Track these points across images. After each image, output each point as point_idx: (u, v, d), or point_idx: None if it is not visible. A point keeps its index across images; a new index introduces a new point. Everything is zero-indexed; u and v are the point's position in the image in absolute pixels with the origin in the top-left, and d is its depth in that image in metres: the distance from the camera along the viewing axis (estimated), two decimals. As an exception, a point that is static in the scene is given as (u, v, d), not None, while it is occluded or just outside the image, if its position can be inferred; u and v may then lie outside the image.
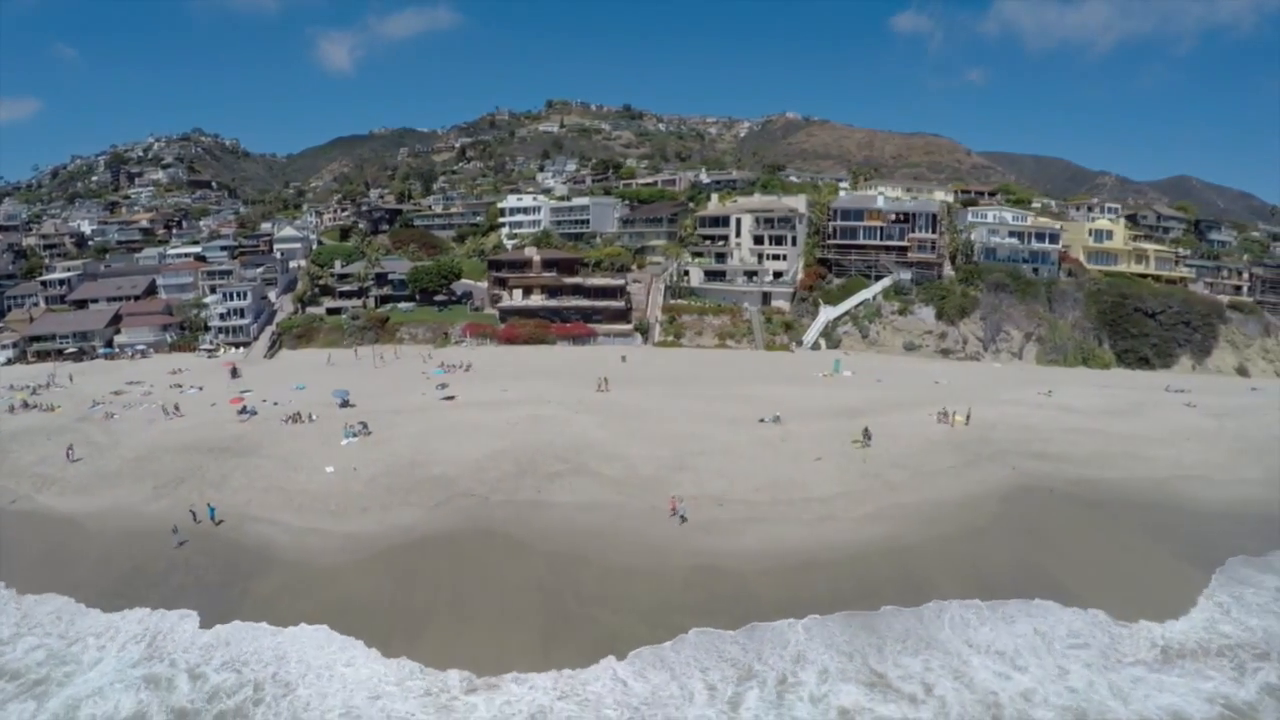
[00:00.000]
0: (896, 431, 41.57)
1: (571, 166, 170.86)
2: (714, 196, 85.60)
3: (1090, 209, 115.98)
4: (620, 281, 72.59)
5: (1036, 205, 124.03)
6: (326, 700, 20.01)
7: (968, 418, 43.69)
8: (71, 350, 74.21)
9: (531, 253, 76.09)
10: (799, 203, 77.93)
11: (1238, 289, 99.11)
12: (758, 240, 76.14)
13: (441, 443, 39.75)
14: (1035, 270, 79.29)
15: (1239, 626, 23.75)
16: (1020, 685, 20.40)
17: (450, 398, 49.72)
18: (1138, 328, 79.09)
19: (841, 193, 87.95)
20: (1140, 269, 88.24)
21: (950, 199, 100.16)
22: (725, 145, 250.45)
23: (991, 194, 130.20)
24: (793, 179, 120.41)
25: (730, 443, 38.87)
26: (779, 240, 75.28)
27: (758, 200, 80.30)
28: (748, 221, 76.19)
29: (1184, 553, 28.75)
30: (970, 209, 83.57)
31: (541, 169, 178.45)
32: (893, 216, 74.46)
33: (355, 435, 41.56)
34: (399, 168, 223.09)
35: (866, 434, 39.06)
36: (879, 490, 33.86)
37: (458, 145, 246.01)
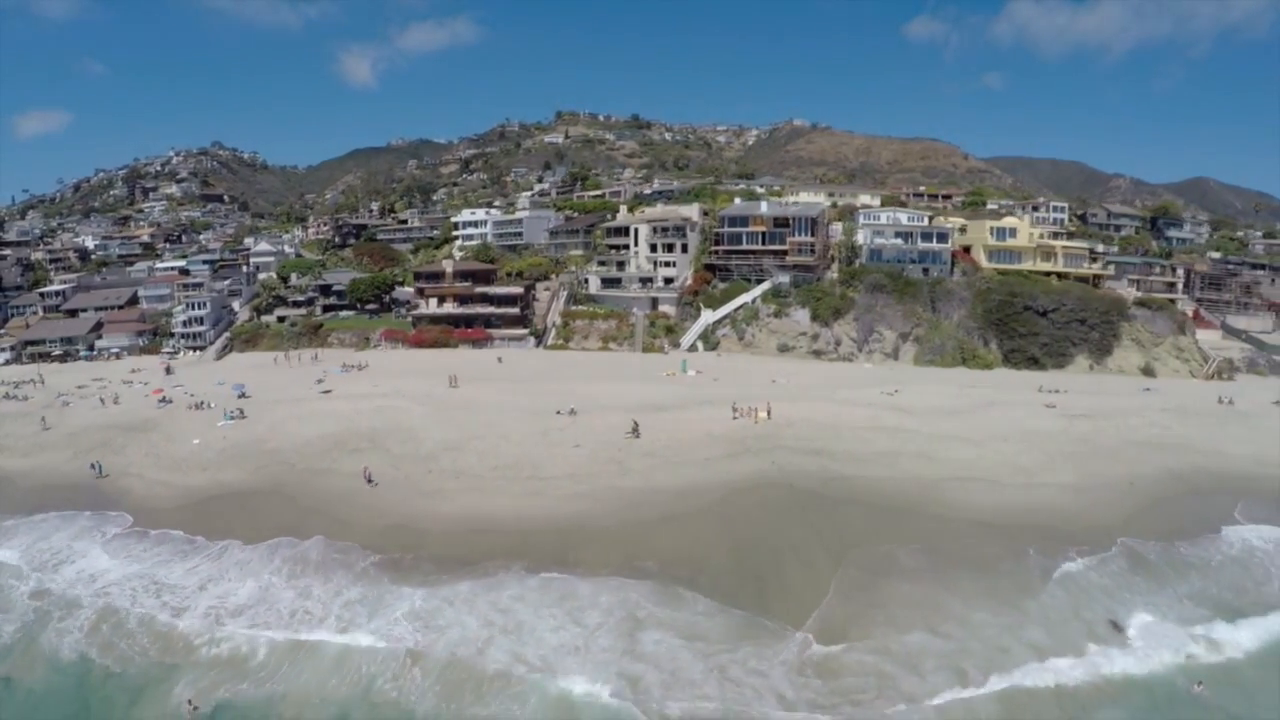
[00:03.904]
0: (682, 425, 47.02)
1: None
2: (622, 208, 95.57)
3: (1037, 208, 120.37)
4: (519, 290, 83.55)
5: (993, 206, 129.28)
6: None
7: (769, 413, 48.28)
8: (58, 353, 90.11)
9: (446, 264, 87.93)
10: (693, 211, 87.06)
11: (1170, 286, 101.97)
12: (653, 248, 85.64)
13: (292, 425, 51.08)
14: (925, 270, 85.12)
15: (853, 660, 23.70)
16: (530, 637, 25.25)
17: (327, 391, 61.29)
18: (1026, 327, 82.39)
19: (737, 200, 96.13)
20: (1048, 266, 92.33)
21: (875, 202, 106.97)
22: (733, 153, 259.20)
23: (946, 197, 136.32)
24: (758, 189, 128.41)
25: (512, 430, 46.36)
26: (671, 248, 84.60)
27: (658, 210, 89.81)
28: (644, 231, 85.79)
29: (873, 561, 29.64)
30: (863, 211, 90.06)
31: (540, 180, 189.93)
32: (775, 222, 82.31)
33: (232, 418, 53.51)
34: (403, 180, 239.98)
35: (635, 427, 45.29)
36: (608, 474, 38.55)
37: (463, 157, 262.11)
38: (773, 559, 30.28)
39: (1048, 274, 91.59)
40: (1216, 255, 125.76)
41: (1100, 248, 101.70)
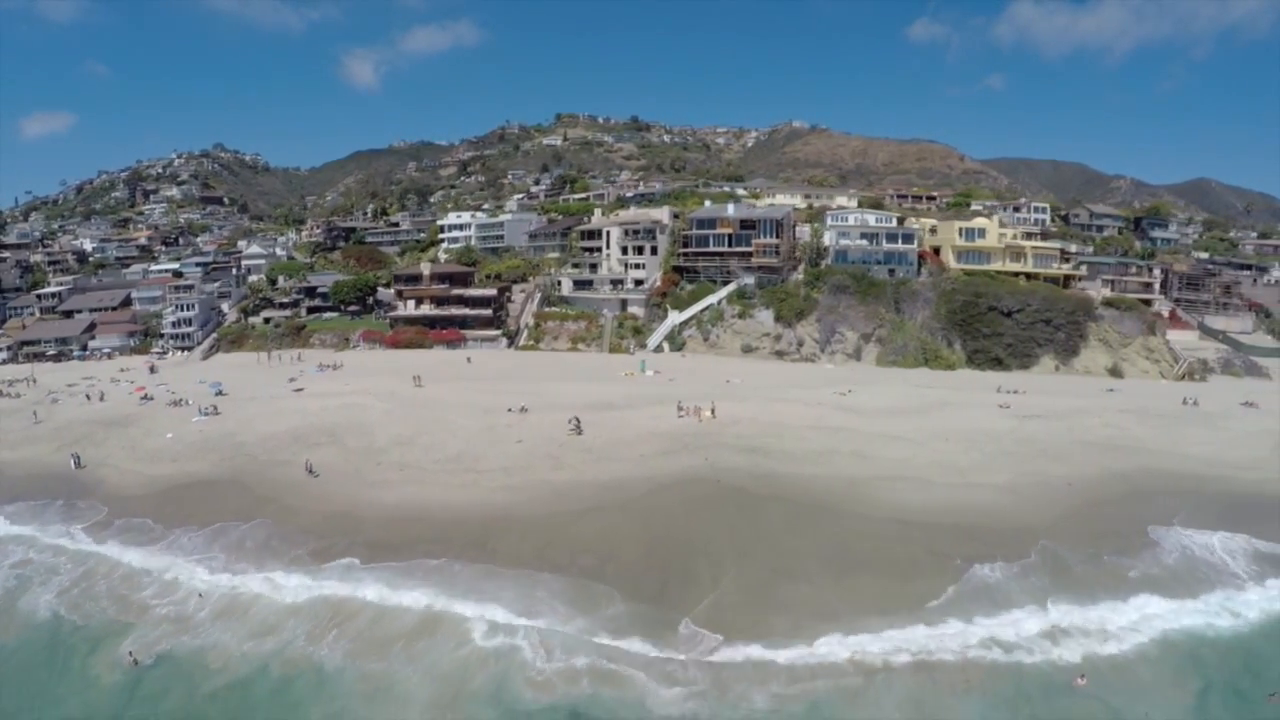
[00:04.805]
0: (627, 423, 49.21)
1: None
2: (597, 211, 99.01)
3: (1019, 209, 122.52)
4: (492, 292, 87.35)
5: (978, 207, 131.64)
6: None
7: (713, 412, 50.52)
8: (52, 353, 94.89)
9: (425, 267, 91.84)
10: (663, 214, 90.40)
11: (1146, 286, 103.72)
12: (624, 251, 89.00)
13: (261, 421, 54.89)
14: (891, 271, 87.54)
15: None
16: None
17: (299, 390, 65.10)
18: (990, 327, 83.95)
19: (707, 203, 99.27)
20: (1018, 267, 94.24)
21: (853, 203, 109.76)
22: (732, 155, 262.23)
23: (931, 198, 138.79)
24: (740, 191, 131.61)
25: (461, 426, 49.41)
26: (641, 250, 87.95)
27: (631, 213, 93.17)
28: (616, 233, 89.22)
29: (778, 559, 30.30)
30: (829, 212, 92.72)
31: (537, 182, 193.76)
32: (741, 224, 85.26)
33: (206, 415, 57.41)
34: (401, 181, 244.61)
35: (577, 424, 47.82)
36: (542, 468, 40.61)
37: (462, 159, 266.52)
38: (682, 554, 31.05)
39: (1016, 274, 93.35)
40: (1204, 255, 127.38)
41: (1074, 248, 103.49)
